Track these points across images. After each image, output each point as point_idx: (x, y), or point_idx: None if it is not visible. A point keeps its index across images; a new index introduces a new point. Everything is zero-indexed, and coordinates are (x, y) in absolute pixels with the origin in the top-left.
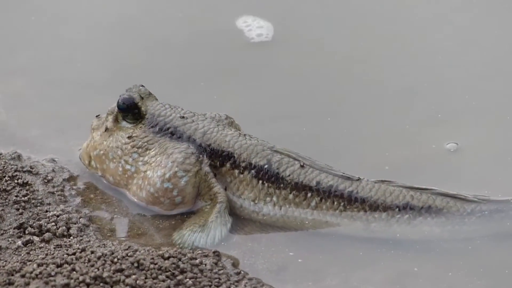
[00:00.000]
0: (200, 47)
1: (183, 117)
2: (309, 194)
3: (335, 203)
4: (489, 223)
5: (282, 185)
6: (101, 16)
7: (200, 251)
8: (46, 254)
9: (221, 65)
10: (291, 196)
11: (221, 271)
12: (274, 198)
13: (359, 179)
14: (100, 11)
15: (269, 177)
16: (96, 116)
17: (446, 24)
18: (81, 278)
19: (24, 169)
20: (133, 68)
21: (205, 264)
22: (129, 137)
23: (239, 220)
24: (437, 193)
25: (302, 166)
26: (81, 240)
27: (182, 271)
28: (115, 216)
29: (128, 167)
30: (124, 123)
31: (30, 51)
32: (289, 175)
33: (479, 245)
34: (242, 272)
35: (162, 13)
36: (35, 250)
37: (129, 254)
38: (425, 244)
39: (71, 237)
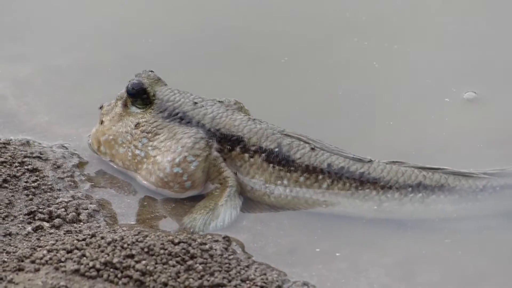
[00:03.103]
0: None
1: (195, 102)
2: (320, 176)
3: (347, 184)
4: (501, 199)
5: (293, 168)
6: (109, 3)
7: (210, 236)
8: (56, 240)
9: (230, 53)
10: (302, 178)
11: (231, 256)
12: (285, 181)
13: (370, 161)
14: None
15: (280, 160)
16: (100, 107)
17: None
18: (91, 263)
19: (34, 155)
20: (141, 54)
21: (215, 249)
22: (138, 123)
23: (249, 203)
24: (449, 172)
25: (312, 149)
26: (91, 225)
27: (192, 257)
28: (125, 200)
29: (137, 152)
30: (133, 108)
31: (38, 38)
32: (299, 158)
33: (491, 224)
34: (252, 257)
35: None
36: (45, 236)
37: (139, 240)
38: (436, 223)
39: (81, 223)
